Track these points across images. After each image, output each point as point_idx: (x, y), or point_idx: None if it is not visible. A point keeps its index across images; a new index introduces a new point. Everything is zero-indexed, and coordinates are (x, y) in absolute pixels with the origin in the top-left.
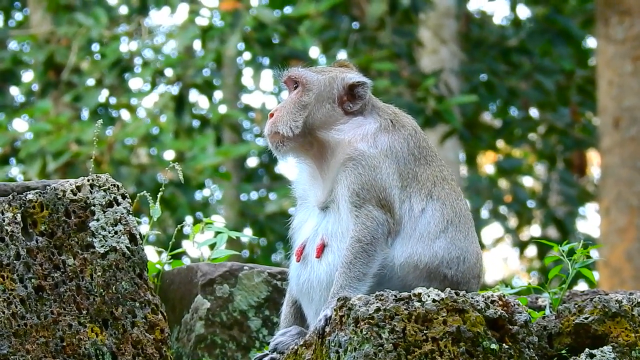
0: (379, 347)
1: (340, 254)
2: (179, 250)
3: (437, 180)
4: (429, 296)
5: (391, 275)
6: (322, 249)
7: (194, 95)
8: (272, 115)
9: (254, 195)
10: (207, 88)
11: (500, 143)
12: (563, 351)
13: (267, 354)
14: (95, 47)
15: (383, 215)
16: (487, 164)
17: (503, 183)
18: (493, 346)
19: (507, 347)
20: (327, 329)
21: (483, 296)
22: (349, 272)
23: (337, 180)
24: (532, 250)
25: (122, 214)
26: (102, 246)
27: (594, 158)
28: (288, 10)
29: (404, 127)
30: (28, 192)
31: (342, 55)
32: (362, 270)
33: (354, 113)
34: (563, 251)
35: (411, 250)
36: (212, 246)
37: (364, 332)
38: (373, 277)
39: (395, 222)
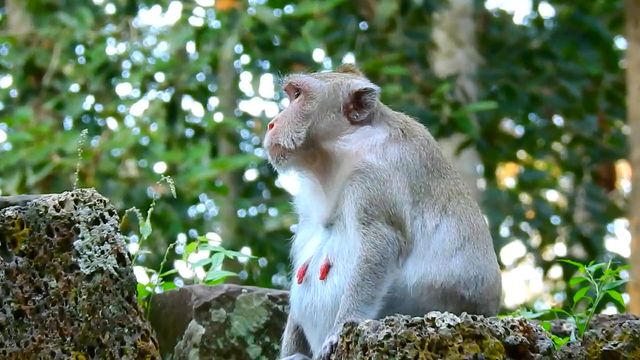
0: None
1: (347, 275)
2: (172, 271)
3: (452, 194)
4: (443, 321)
5: (403, 298)
6: (326, 269)
7: (188, 102)
8: (271, 125)
9: (253, 211)
10: (201, 94)
11: (521, 154)
12: None
13: None
14: (80, 49)
15: (393, 233)
16: (507, 176)
17: (525, 197)
18: None
19: None
20: (333, 357)
21: (502, 321)
22: (357, 295)
23: (342, 195)
24: (556, 271)
25: (110, 231)
26: (87, 267)
27: (623, 170)
28: (289, 9)
29: (416, 137)
30: (6, 209)
31: (348, 59)
32: (370, 293)
33: (361, 122)
34: (590, 272)
35: (425, 270)
36: (208, 267)
37: None
38: (382, 301)
39: (406, 240)
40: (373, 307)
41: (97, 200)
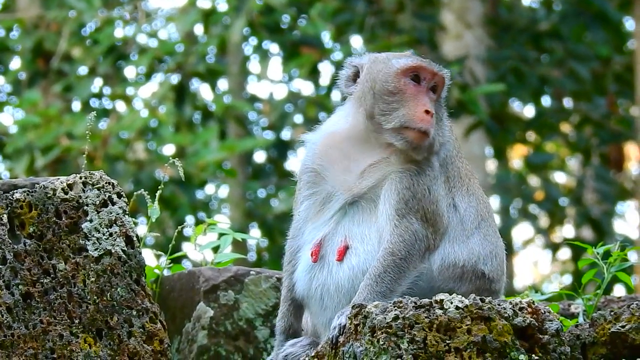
0: (398, 359)
1: (366, 258)
2: (180, 253)
3: (469, 173)
4: (451, 303)
5: (424, 278)
6: (344, 251)
7: (196, 85)
8: (432, 114)
9: (262, 194)
10: (210, 77)
11: (530, 136)
12: None
13: None
14: (88, 32)
15: (424, 230)
16: (516, 158)
17: (533, 180)
18: (521, 357)
19: (536, 358)
20: (341, 339)
21: (511, 302)
22: (376, 285)
23: (388, 178)
24: (565, 253)
25: (118, 214)
26: (95, 249)
27: (632, 152)
28: None
29: (447, 120)
30: (15, 191)
31: (357, 41)
32: (389, 287)
33: None
34: (598, 253)
35: (448, 250)
36: (216, 249)
37: (381, 342)
38: (400, 296)
39: (436, 237)
40: (389, 301)
41: (106, 183)
